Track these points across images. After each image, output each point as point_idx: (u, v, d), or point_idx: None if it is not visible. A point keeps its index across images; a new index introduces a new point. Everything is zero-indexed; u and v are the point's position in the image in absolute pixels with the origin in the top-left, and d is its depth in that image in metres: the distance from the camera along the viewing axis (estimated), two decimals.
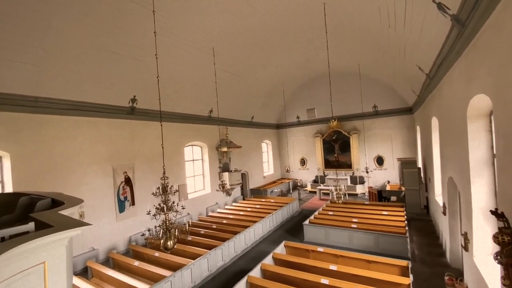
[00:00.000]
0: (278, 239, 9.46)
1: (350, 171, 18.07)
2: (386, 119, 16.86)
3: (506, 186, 3.22)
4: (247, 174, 17.14)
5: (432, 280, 6.43)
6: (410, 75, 9.91)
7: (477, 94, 4.03)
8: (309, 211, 13.29)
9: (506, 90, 3.01)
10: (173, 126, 11.60)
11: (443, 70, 6.13)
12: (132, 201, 9.72)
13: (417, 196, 11.73)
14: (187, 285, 6.76)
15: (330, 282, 5.49)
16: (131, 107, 9.53)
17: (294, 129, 20.87)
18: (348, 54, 12.35)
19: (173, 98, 10.77)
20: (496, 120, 3.42)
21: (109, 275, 6.90)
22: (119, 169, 9.35)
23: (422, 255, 7.90)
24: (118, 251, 9.08)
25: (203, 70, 10.39)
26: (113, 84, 8.49)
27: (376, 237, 8.30)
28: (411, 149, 16.09)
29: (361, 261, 6.60)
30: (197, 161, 13.65)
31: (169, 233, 4.57)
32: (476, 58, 3.99)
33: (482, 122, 4.42)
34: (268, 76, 14.30)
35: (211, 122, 13.37)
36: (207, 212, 13.10)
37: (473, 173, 4.53)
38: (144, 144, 10.28)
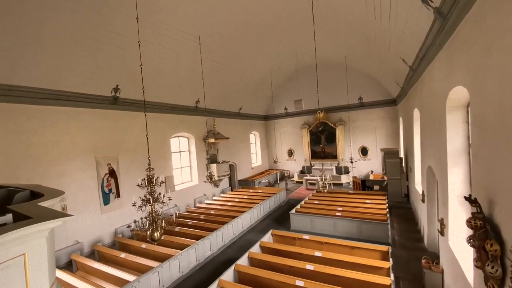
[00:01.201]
0: (266, 228, 9.63)
1: (336, 162, 18.49)
2: (371, 111, 17.24)
3: (479, 174, 3.41)
4: (235, 165, 17.16)
5: (410, 264, 6.81)
6: (394, 67, 10.12)
7: (456, 86, 4.18)
8: (296, 200, 13.56)
9: (482, 82, 3.15)
10: (159, 116, 11.35)
11: (425, 63, 6.30)
12: (117, 193, 9.53)
13: (399, 185, 12.22)
14: (175, 275, 6.81)
15: (314, 267, 5.69)
16: (114, 96, 9.21)
17: (282, 120, 20.98)
18: (335, 46, 12.43)
19: (158, 88, 10.49)
20: (472, 111, 3.58)
21: (94, 268, 6.83)
22: (102, 160, 9.09)
23: (402, 241, 8.32)
24: (104, 243, 8.95)
25: (189, 59, 10.15)
26: (94, 73, 8.15)
27: (359, 224, 8.63)
28: (394, 140, 16.61)
29: (344, 247, 6.86)
30: (184, 152, 13.49)
31: (155, 224, 4.54)
32: (456, 51, 4.12)
33: (460, 114, 4.62)
34: (255, 67, 14.18)
35: (198, 113, 13.17)
36: (195, 203, 13.08)
37: (450, 162, 4.76)
38: (128, 135, 10.02)
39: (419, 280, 6.00)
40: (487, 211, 3.09)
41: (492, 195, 2.99)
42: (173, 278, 6.73)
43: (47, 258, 1.91)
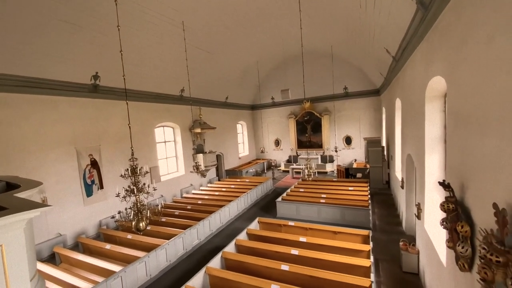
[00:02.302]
0: (253, 216, 9.76)
1: (321, 151, 18.86)
2: (356, 101, 17.56)
3: (453, 160, 3.60)
4: (222, 155, 17.12)
5: (389, 246, 7.19)
6: (379, 57, 10.28)
7: (435, 76, 4.32)
8: (282, 189, 13.80)
9: (458, 72, 3.27)
10: (142, 105, 11.03)
11: (407, 53, 6.44)
12: (101, 185, 9.31)
13: (380, 173, 12.69)
14: (162, 264, 6.83)
15: (299, 252, 5.89)
16: (94, 84, 8.82)
17: (269, 110, 20.98)
18: (321, 35, 12.42)
19: (141, 76, 10.14)
20: (448, 101, 3.73)
21: (79, 260, 6.74)
22: (83, 151, 8.80)
23: (382, 225, 8.73)
24: (88, 235, 8.80)
25: (173, 46, 9.83)
26: (72, 59, 7.74)
27: (342, 211, 8.96)
28: (377, 129, 17.09)
29: (328, 232, 7.13)
30: (170, 142, 13.27)
31: (140, 214, 4.51)
32: (436, 42, 4.24)
33: (438, 103, 4.81)
34: (242, 55, 13.96)
35: (183, 102, 12.90)
36: (182, 193, 13.02)
37: (428, 150, 4.98)
38: (110, 125, 9.70)
39: (397, 261, 6.37)
40: (459, 195, 3.29)
41: (464, 180, 3.18)
42: (160, 268, 6.76)
43: (26, 250, 1.86)
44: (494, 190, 2.41)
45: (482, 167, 2.67)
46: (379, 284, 5.65)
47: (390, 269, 6.15)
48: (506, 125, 2.18)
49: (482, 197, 2.68)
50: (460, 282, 3.30)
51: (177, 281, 6.34)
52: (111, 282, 5.52)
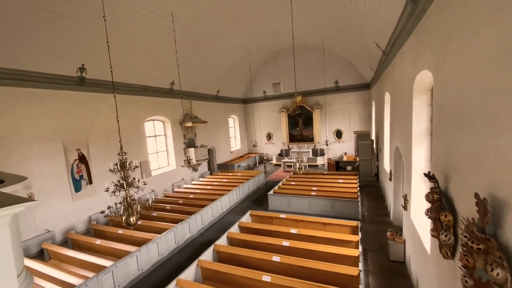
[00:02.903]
0: (245, 210, 9.83)
1: (312, 144, 19.04)
2: (346, 95, 17.71)
3: (438, 152, 3.71)
4: (214, 150, 17.05)
5: (377, 236, 7.40)
6: (369, 51, 10.37)
7: (422, 70, 4.41)
8: (274, 182, 13.91)
9: (444, 66, 3.34)
10: (131, 99, 10.80)
11: (396, 47, 6.51)
12: (89, 180, 9.14)
13: (369, 165, 12.95)
14: (154, 258, 6.83)
15: (290, 244, 6.00)
16: (80, 77, 8.56)
17: (261, 104, 20.92)
18: (313, 28, 12.38)
19: (129, 68, 9.90)
20: (435, 94, 3.82)
21: (68, 256, 6.66)
22: (70, 146, 8.59)
23: (371, 216, 8.96)
24: (77, 231, 8.67)
25: (162, 38, 9.61)
26: (56, 51, 7.46)
27: (332, 202, 9.13)
28: (367, 123, 17.34)
29: (318, 224, 7.27)
30: (160, 136, 13.10)
31: (131, 209, 4.47)
32: (423, 36, 4.30)
33: (425, 97, 4.91)
34: (233, 47, 13.79)
35: (173, 95, 12.69)
36: (173, 188, 12.95)
37: (415, 143, 5.11)
38: (98, 119, 9.48)
39: (384, 250, 6.58)
40: (443, 186, 3.41)
41: (448, 171, 3.29)
42: (151, 262, 6.76)
43: (12, 246, 1.83)
44: (476, 181, 2.50)
45: (464, 159, 2.76)
46: (367, 272, 5.83)
47: (377, 258, 6.36)
48: (487, 118, 2.26)
49: (464, 188, 2.78)
50: (443, 269, 3.44)
51: (169, 275, 6.36)
52: (102, 277, 5.49)
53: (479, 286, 2.20)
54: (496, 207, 2.12)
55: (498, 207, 2.11)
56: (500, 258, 1.96)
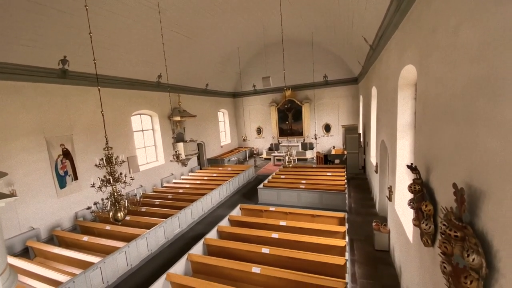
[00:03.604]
0: (235, 204, 9.89)
1: (302, 138, 19.22)
2: (335, 89, 17.90)
3: (420, 145, 3.84)
4: (203, 144, 16.93)
5: (363, 227, 7.63)
6: (357, 46, 10.47)
7: (407, 64, 4.51)
8: (264, 176, 14.00)
9: (427, 61, 3.43)
10: (117, 92, 10.51)
11: (383, 42, 6.61)
12: (75, 176, 8.91)
13: (356, 158, 13.24)
14: (143, 253, 6.80)
15: (279, 236, 6.10)
16: (62, 69, 8.25)
17: (251, 98, 20.84)
18: (302, 22, 12.35)
19: (114, 61, 9.60)
20: (418, 88, 3.93)
21: (54, 253, 6.52)
22: (54, 141, 8.32)
23: (357, 207, 9.21)
24: (63, 228, 8.49)
25: (148, 29, 9.34)
26: (36, 42, 7.13)
27: (320, 195, 9.31)
28: (355, 117, 17.64)
29: (307, 216, 7.42)
30: (148, 131, 12.87)
31: (118, 204, 4.40)
32: (409, 31, 4.38)
33: (409, 91, 5.03)
34: (222, 40, 13.59)
35: (161, 88, 12.45)
36: (162, 183, 12.82)
37: (399, 136, 5.26)
38: (82, 113, 9.20)
39: (370, 240, 6.80)
40: (425, 177, 3.54)
41: (429, 163, 3.41)
42: (141, 257, 6.72)
43: None
44: (454, 172, 2.61)
45: (444, 150, 2.87)
46: (353, 262, 6.03)
47: (363, 248, 6.57)
48: (465, 112, 2.35)
49: (444, 178, 2.90)
50: (424, 256, 3.60)
51: (159, 269, 6.36)
52: (90, 273, 5.43)
53: (457, 271, 2.31)
54: (473, 196, 2.23)
55: (474, 196, 2.21)
56: (475, 245, 2.07)
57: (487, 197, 2.01)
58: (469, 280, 2.06)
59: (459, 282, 2.21)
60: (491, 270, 1.92)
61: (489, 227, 1.99)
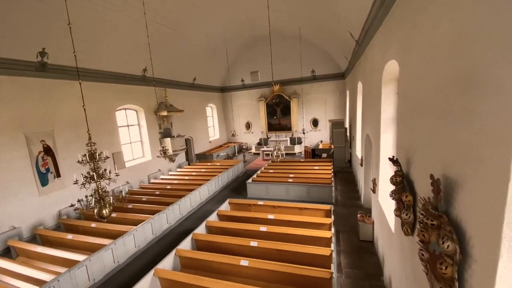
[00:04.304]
0: (224, 198, 9.91)
1: (290, 133, 19.38)
2: (322, 84, 18.07)
3: (401, 138, 3.97)
4: (191, 139, 16.75)
5: (349, 218, 7.85)
6: (343, 41, 10.57)
7: (390, 60, 4.61)
8: (253, 171, 14.05)
9: (408, 56, 3.53)
10: (100, 86, 10.18)
11: (368, 37, 6.71)
12: (57, 173, 8.64)
13: (343, 152, 13.51)
14: (130, 250, 6.73)
15: (267, 229, 6.19)
16: (41, 62, 7.90)
17: (239, 92, 20.72)
18: (289, 16, 12.32)
19: (97, 53, 9.28)
20: (400, 83, 4.04)
21: (38, 252, 6.36)
22: (34, 137, 8.00)
23: (343, 200, 9.45)
24: (46, 227, 8.25)
25: (132, 22, 9.07)
26: (12, 33, 6.78)
27: (308, 188, 9.48)
28: (342, 111, 17.91)
29: (294, 209, 7.54)
30: (133, 126, 12.59)
31: (103, 201, 4.32)
32: (392, 26, 4.47)
33: (392, 86, 5.16)
34: (209, 34, 13.38)
35: (146, 82, 12.15)
36: (149, 179, 12.63)
37: (383, 130, 5.41)
38: (64, 108, 8.88)
39: (355, 231, 7.02)
40: (405, 169, 3.67)
41: (409, 155, 3.54)
42: (128, 254, 6.65)
43: None
44: (432, 163, 2.72)
45: (423, 143, 2.99)
46: (339, 252, 6.21)
47: (349, 239, 6.78)
48: (441, 105, 2.45)
49: (423, 170, 3.02)
50: (404, 245, 3.76)
51: (147, 265, 6.31)
52: (75, 271, 5.33)
53: (433, 258, 2.43)
54: (448, 187, 2.34)
55: (449, 186, 2.32)
56: (450, 232, 2.18)
57: (461, 187, 2.11)
58: (444, 266, 2.17)
59: (435, 268, 2.34)
60: (464, 256, 2.02)
61: (463, 216, 2.09)
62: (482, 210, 1.80)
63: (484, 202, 1.77)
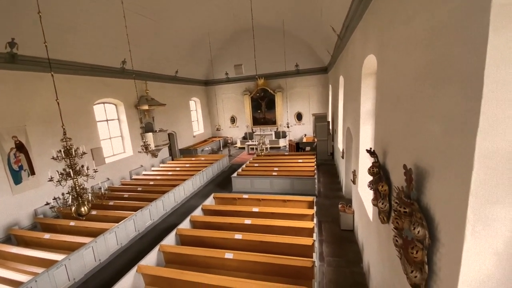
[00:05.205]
0: (209, 193, 9.86)
1: (275, 127, 19.50)
2: (306, 78, 18.23)
3: (378, 131, 4.12)
4: (175, 134, 16.44)
5: (331, 209, 8.10)
6: (326, 35, 10.69)
7: (369, 54, 4.73)
8: (238, 165, 14.06)
9: (385, 51, 3.64)
10: (76, 79, 9.71)
11: (349, 32, 6.82)
12: (31, 170, 8.22)
13: (326, 145, 13.82)
14: (112, 247, 6.59)
15: (252, 221, 6.27)
16: (10, 53, 7.40)
17: (223, 86, 20.47)
18: (272, 8, 12.25)
19: (72, 44, 8.81)
20: (377, 77, 4.16)
21: (13, 253, 6.09)
22: (4, 133, 7.54)
23: (326, 191, 9.71)
24: (22, 227, 7.87)
25: (110, 11, 8.66)
26: None
27: (292, 181, 9.65)
28: (324, 105, 18.22)
29: (278, 201, 7.67)
30: (113, 121, 12.16)
31: (81, 198, 4.18)
32: (371, 21, 4.58)
33: (371, 80, 5.31)
34: (191, 25, 13.04)
35: (126, 75, 11.71)
36: (131, 175, 12.32)
37: (362, 122, 5.58)
38: (36, 102, 8.40)
39: (337, 221, 7.26)
40: (382, 160, 3.83)
41: (385, 147, 3.69)
42: (110, 251, 6.51)
43: None
44: (405, 154, 2.86)
45: (397, 135, 3.12)
46: (321, 242, 6.41)
47: (330, 229, 7.00)
48: (413, 98, 2.56)
49: (397, 161, 3.17)
50: (381, 232, 3.95)
51: (130, 262, 6.22)
52: (53, 271, 5.16)
53: (406, 243, 2.57)
54: (419, 176, 2.47)
55: (420, 175, 2.45)
56: (420, 219, 2.31)
57: (430, 176, 2.24)
58: (415, 250, 2.31)
59: (407, 253, 2.48)
60: (433, 240, 2.16)
61: (432, 203, 2.23)
62: (448, 197, 1.92)
63: (450, 190, 1.89)
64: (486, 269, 1.69)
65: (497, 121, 1.51)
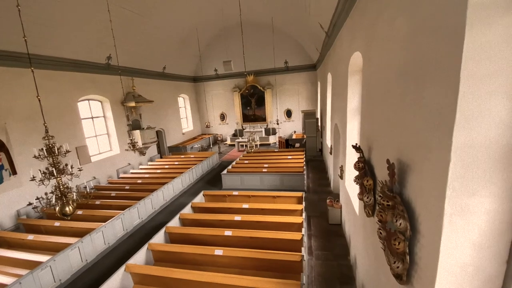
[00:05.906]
0: (198, 191, 9.79)
1: (265, 124, 19.54)
2: (295, 75, 18.32)
3: (364, 127, 4.22)
4: (163, 131, 16.20)
5: (319, 204, 8.24)
6: (314, 32, 10.75)
7: (355, 51, 4.81)
8: (228, 162, 14.02)
9: (371, 48, 3.71)
10: (58, 75, 9.37)
11: (337, 29, 6.89)
12: (13, 170, 7.91)
13: (314, 142, 14.00)
14: (99, 247, 6.47)
15: (242, 218, 6.30)
16: None
17: (213, 83, 20.27)
18: (261, 5, 12.20)
19: (55, 39, 8.48)
20: (363, 74, 4.25)
21: None
22: None
23: (314, 187, 9.86)
24: (4, 228, 7.60)
25: (91, 4, 8.38)
26: None
27: (281, 177, 9.74)
28: (313, 102, 18.39)
29: (268, 197, 7.73)
30: (98, 118, 11.84)
31: (65, 198, 4.08)
32: (357, 19, 4.64)
33: (357, 77, 5.41)
34: (179, 20, 12.82)
35: (111, 71, 11.41)
36: (118, 174, 12.07)
37: (349, 119, 5.68)
38: (18, 99, 8.07)
39: (325, 216, 7.40)
40: (367, 156, 3.92)
41: (370, 143, 3.78)
42: (97, 251, 6.40)
43: None
44: (389, 149, 2.94)
45: (382, 131, 3.21)
46: (310, 236, 6.53)
47: (319, 223, 7.14)
48: (396, 96, 2.64)
49: (381, 156, 3.26)
50: (367, 225, 4.06)
51: (118, 262, 6.13)
52: (38, 273, 5.03)
53: (389, 235, 2.66)
54: (402, 170, 2.55)
55: (403, 169, 2.53)
56: (402, 211, 2.39)
57: (412, 170, 2.32)
58: (397, 242, 2.40)
59: (390, 244, 2.57)
60: (414, 232, 2.24)
61: (413, 196, 2.31)
62: (428, 190, 2.00)
63: (429, 183, 1.97)
64: (463, 258, 1.77)
65: (473, 116, 1.57)
